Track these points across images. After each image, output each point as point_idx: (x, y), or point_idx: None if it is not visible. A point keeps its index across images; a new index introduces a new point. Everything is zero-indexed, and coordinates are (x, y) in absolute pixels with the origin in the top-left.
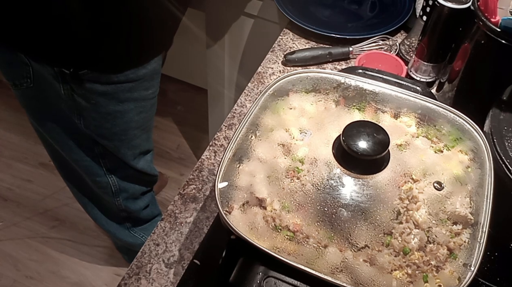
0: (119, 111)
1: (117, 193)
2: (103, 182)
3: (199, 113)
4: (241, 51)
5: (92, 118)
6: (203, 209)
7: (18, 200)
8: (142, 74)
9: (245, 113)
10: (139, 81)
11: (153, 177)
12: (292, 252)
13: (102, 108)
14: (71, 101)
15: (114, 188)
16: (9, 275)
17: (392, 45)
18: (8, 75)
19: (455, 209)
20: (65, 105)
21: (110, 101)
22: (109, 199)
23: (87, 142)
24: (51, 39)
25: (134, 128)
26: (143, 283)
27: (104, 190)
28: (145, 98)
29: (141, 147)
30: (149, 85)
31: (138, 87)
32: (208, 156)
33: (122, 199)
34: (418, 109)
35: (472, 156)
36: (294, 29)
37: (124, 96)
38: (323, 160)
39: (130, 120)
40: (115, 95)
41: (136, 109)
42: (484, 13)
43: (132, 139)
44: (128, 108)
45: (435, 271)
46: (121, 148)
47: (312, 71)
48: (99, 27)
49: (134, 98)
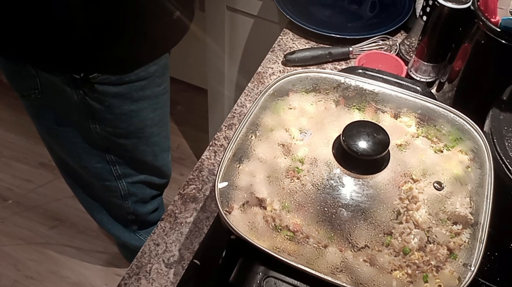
0: (134, 110)
1: (126, 196)
2: (112, 187)
3: (199, 113)
4: (241, 51)
5: (107, 120)
6: (203, 209)
7: (18, 200)
8: (153, 71)
9: (245, 113)
10: (150, 78)
11: (166, 177)
12: (292, 252)
13: (116, 109)
14: (84, 106)
15: (123, 192)
16: (9, 275)
17: (392, 45)
18: (15, 86)
19: (455, 209)
20: (78, 112)
21: (124, 102)
22: (118, 202)
23: (98, 151)
24: (57, 45)
25: (151, 126)
26: (143, 283)
27: (113, 194)
28: (158, 95)
29: (160, 144)
30: (161, 81)
31: (150, 85)
32: (208, 156)
33: (131, 203)
34: (418, 109)
35: (472, 156)
36: (294, 29)
37: (137, 95)
38: (323, 160)
39: (145, 118)
40: (128, 95)
41: (151, 107)
42: (484, 13)
43: (150, 137)
44: (143, 107)
45: (435, 271)
46: (139, 145)
47: (312, 71)
48: (104, 29)
49: (147, 96)
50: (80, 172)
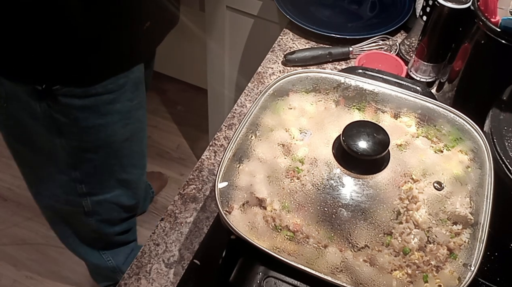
0: (102, 124)
1: (89, 213)
2: (75, 202)
3: (199, 113)
4: (241, 51)
5: (73, 134)
6: (203, 209)
7: (18, 200)
8: (122, 84)
9: (245, 113)
10: (120, 91)
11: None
12: (292, 252)
13: (83, 122)
14: (49, 119)
15: (87, 209)
16: (9, 275)
17: (392, 45)
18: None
19: (455, 209)
20: (43, 124)
21: (90, 115)
22: (81, 217)
23: (64, 167)
24: (17, 54)
25: (121, 141)
26: (143, 283)
27: (76, 209)
28: (130, 109)
29: (131, 159)
30: (133, 96)
31: (120, 99)
32: (208, 156)
33: (95, 221)
34: (418, 109)
35: (472, 156)
36: (294, 29)
37: (106, 109)
38: (323, 160)
39: (114, 133)
40: (95, 108)
41: (121, 122)
42: (484, 13)
43: (119, 151)
44: (112, 121)
45: (435, 271)
46: (107, 158)
47: (312, 71)
48: (65, 39)
49: (117, 110)
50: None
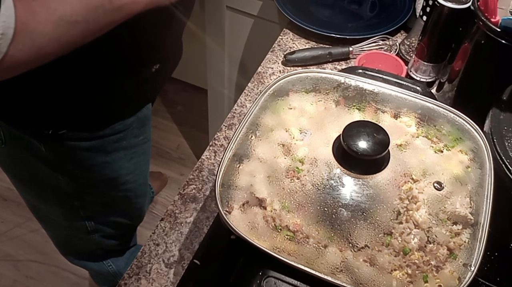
0: (107, 162)
1: (93, 232)
2: (78, 225)
3: (199, 113)
4: (241, 51)
5: (77, 171)
6: (203, 209)
7: (18, 200)
8: (130, 123)
9: (245, 113)
10: (127, 130)
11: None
12: (292, 252)
13: (88, 161)
14: (52, 158)
15: (90, 228)
16: (9, 275)
17: (392, 45)
18: None
19: (455, 209)
20: (45, 162)
21: (96, 155)
22: (83, 236)
23: (67, 197)
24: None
25: (126, 175)
26: (143, 283)
27: (79, 230)
28: (136, 145)
29: (136, 190)
30: (139, 132)
31: (127, 136)
32: (208, 156)
33: (98, 236)
34: (418, 109)
35: (472, 156)
36: (294, 29)
37: (112, 147)
38: (323, 160)
39: (119, 168)
40: (101, 148)
41: (126, 157)
42: (484, 13)
43: (124, 184)
44: (117, 158)
45: (435, 271)
46: (112, 191)
47: (312, 71)
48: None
49: (123, 147)
50: (46, 210)
